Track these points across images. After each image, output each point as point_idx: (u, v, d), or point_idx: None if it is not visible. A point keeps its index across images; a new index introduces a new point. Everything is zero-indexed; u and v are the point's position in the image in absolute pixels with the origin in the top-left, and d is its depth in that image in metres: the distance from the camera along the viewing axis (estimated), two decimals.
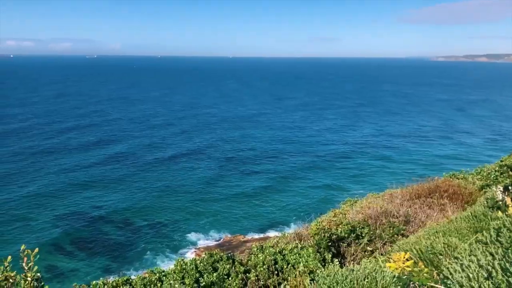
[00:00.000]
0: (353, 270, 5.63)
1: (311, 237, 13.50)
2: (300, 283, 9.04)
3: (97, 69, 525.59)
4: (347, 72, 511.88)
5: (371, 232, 14.07)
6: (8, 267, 5.55)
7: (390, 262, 5.36)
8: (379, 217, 15.90)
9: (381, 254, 11.73)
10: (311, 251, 11.23)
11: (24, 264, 5.67)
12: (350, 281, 5.23)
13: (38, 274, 5.74)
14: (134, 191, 70.39)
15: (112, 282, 10.76)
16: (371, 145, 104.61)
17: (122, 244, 52.89)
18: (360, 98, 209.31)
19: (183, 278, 10.64)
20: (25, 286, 5.55)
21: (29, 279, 5.60)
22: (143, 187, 72.57)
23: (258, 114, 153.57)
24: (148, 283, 10.34)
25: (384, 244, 13.76)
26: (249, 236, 54.54)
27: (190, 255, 48.27)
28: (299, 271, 10.28)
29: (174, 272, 11.00)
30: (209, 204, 65.65)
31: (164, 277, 10.89)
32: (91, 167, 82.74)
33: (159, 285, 10.26)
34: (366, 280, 5.12)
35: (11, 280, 5.46)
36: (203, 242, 53.55)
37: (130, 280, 11.01)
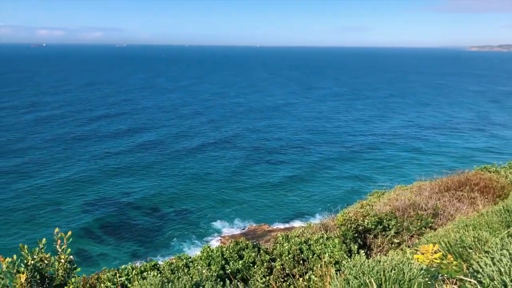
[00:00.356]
0: (379, 261, 5.59)
1: (337, 227, 13.45)
2: (325, 273, 9.03)
3: (126, 58, 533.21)
4: (377, 62, 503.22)
5: (399, 224, 13.91)
6: (43, 249, 5.76)
7: (418, 254, 5.30)
8: (406, 209, 15.68)
9: (408, 247, 11.60)
10: (337, 241, 11.19)
11: (57, 247, 5.87)
12: (377, 272, 5.20)
13: (71, 256, 5.94)
14: (162, 179, 71.51)
15: (140, 266, 11.00)
16: (400, 136, 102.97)
17: (150, 230, 53.97)
18: (391, 88, 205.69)
19: (209, 264, 10.79)
20: (59, 268, 5.75)
21: (62, 261, 5.80)
22: (170, 174, 73.64)
23: (285, 104, 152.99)
24: (176, 268, 10.53)
25: (412, 236, 13.59)
26: (274, 226, 54.74)
27: (215, 242, 48.89)
28: (325, 261, 10.28)
29: (201, 259, 11.16)
30: (235, 193, 66.14)
31: (190, 263, 11.07)
32: (120, 155, 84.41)
33: (186, 270, 10.43)
34: (393, 271, 5.08)
35: (45, 261, 5.67)
36: (228, 230, 54.10)
37: (158, 265, 11.24)
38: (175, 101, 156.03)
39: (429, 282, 4.75)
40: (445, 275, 4.81)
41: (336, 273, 6.27)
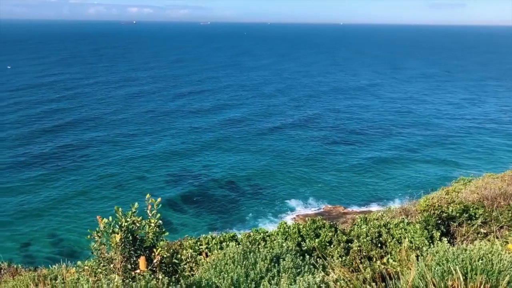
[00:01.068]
0: (465, 250, 5.37)
1: (418, 213, 13.01)
2: (404, 258, 8.82)
3: (211, 36, 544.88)
4: (471, 42, 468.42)
5: (486, 214, 13.12)
6: (135, 213, 6.22)
7: (510, 244, 5.01)
8: (496, 199, 14.70)
9: (497, 238, 10.95)
10: (418, 227, 10.84)
11: (148, 211, 6.30)
12: (462, 261, 5.00)
13: (160, 221, 6.36)
14: (241, 155, 73.16)
15: (219, 237, 11.48)
16: (493, 121, 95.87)
17: (227, 204, 55.76)
18: (486, 70, 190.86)
19: (285, 240, 10.97)
20: (149, 231, 6.18)
21: (152, 224, 6.22)
22: (249, 151, 75.07)
23: (369, 84, 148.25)
24: (253, 241, 10.85)
25: (501, 227, 12.77)
26: (349, 208, 53.98)
27: (289, 220, 49.29)
28: (404, 246, 10.03)
29: (278, 234, 11.39)
30: (312, 172, 65.95)
31: (267, 237, 11.34)
32: (202, 131, 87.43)
33: (263, 244, 10.70)
34: (481, 261, 4.86)
35: (137, 224, 6.12)
36: (302, 209, 54.28)
37: (236, 237, 11.65)
38: (257, 79, 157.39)
39: None
40: None
41: (417, 259, 6.11)
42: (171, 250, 8.51)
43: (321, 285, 4.61)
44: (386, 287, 4.80)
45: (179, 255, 8.50)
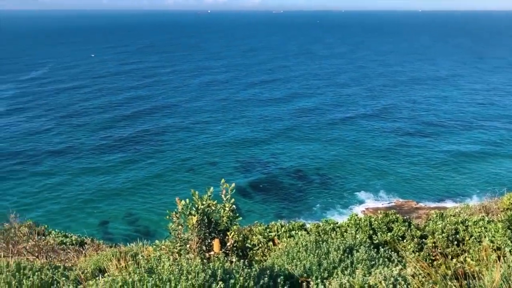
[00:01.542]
0: None
1: (501, 211, 12.26)
2: (484, 258, 8.38)
3: (283, 25, 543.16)
4: None
5: None
6: (210, 196, 6.45)
7: None
8: None
9: None
10: (500, 226, 10.21)
11: (222, 196, 6.51)
12: None
13: (234, 206, 6.54)
14: (311, 145, 72.72)
15: (289, 225, 11.54)
16: None
17: (295, 193, 55.81)
18: None
19: (356, 232, 10.80)
20: (224, 215, 6.38)
21: (227, 208, 6.42)
22: (320, 141, 74.39)
23: (450, 74, 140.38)
24: (322, 231, 10.80)
25: None
26: (422, 203, 51.97)
27: (358, 213, 48.34)
28: (484, 246, 9.50)
29: (348, 226, 11.24)
30: (384, 164, 64.12)
31: (337, 228, 11.23)
32: (272, 120, 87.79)
33: (333, 235, 10.63)
34: None
35: (212, 208, 6.34)
36: (372, 202, 53.03)
37: (305, 226, 11.65)
38: (330, 68, 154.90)
39: None
40: None
41: (498, 260, 5.79)
42: (241, 235, 8.72)
43: (398, 278, 4.52)
44: (468, 286, 4.61)
45: (249, 240, 8.69)
